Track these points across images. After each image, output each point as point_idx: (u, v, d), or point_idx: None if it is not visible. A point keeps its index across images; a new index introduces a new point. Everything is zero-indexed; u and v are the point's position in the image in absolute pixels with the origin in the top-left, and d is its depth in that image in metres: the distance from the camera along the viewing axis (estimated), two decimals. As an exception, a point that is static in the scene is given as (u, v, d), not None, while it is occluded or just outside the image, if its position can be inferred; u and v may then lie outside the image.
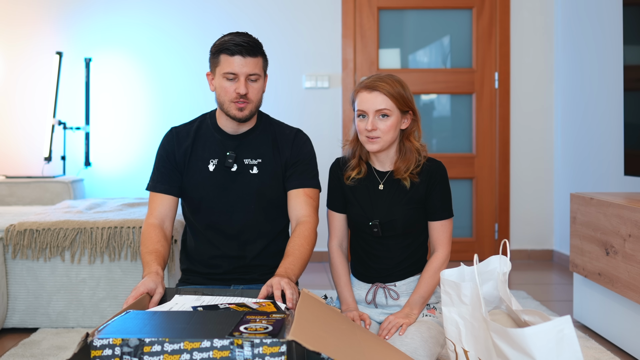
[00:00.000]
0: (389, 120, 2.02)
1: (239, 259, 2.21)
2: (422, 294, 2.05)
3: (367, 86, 2.04)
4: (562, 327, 1.47)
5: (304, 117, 4.31)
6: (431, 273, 2.07)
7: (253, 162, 2.20)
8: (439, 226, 2.10)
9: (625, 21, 2.98)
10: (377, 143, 2.04)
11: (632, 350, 2.42)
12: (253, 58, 2.08)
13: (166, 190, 2.21)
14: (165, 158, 2.23)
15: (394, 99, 2.01)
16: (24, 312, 2.71)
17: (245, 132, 2.22)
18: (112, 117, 4.34)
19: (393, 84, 2.02)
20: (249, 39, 2.09)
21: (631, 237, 2.33)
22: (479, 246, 4.36)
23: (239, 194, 2.18)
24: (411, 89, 2.17)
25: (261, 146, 2.22)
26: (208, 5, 4.31)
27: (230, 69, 2.08)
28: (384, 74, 2.07)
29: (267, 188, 2.18)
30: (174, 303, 1.82)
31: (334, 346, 1.52)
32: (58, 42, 4.29)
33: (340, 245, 2.19)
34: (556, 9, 4.31)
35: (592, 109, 3.80)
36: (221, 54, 2.09)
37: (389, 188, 2.10)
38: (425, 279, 2.06)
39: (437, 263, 2.08)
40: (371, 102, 2.02)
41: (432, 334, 1.97)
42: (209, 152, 2.21)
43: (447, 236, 2.11)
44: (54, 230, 2.69)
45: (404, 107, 2.04)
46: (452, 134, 4.41)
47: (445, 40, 4.41)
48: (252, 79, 2.11)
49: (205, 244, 2.23)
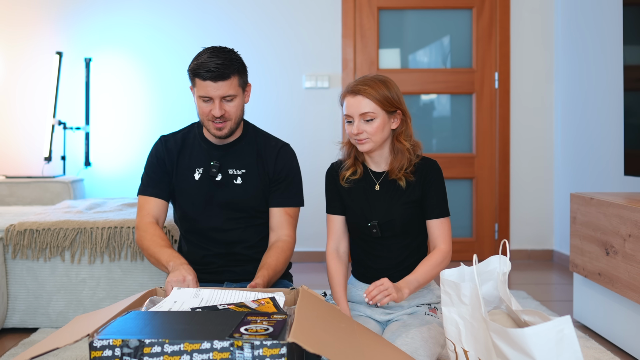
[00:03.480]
0: (374, 123, 2.02)
1: (228, 255, 2.27)
2: (419, 278, 1.99)
3: (351, 90, 2.03)
4: (562, 327, 1.47)
5: (304, 117, 4.31)
6: (432, 263, 2.02)
7: (237, 172, 2.24)
8: (438, 224, 2.08)
9: (625, 21, 2.98)
10: (366, 144, 2.04)
11: (632, 350, 2.42)
12: (225, 81, 2.09)
13: (156, 194, 2.26)
14: (156, 164, 2.29)
15: (378, 101, 2.01)
16: (24, 312, 2.71)
17: (230, 142, 2.27)
18: (112, 117, 4.34)
19: (377, 86, 2.02)
20: (221, 62, 2.07)
21: (631, 237, 2.33)
22: (479, 246, 4.36)
23: (223, 202, 2.22)
24: (411, 89, 2.18)
25: (246, 157, 2.25)
26: (208, 6, 4.31)
27: (204, 92, 2.11)
28: (370, 76, 2.06)
29: (250, 198, 2.23)
30: (172, 301, 1.82)
31: (334, 347, 1.52)
32: (58, 42, 4.29)
33: (336, 249, 2.17)
34: (556, 9, 4.30)
35: (592, 109, 3.80)
36: (195, 77, 2.13)
37: (386, 188, 2.10)
38: (425, 266, 2.01)
39: (438, 255, 2.04)
40: (355, 107, 2.02)
41: (433, 334, 1.97)
42: (195, 160, 2.26)
43: (447, 233, 2.08)
44: (54, 230, 2.70)
45: (390, 108, 2.04)
46: (452, 134, 4.41)
47: (445, 40, 4.41)
48: (228, 99, 2.13)
49: (195, 247, 2.30)
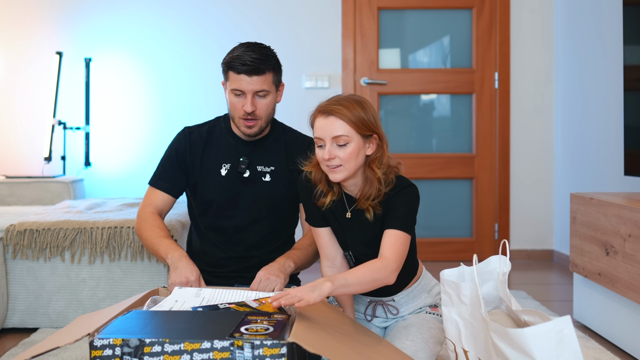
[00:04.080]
0: (348, 147, 1.80)
1: (245, 259, 2.21)
2: (347, 276, 1.71)
3: (323, 110, 1.83)
4: (562, 327, 1.47)
5: (304, 117, 4.27)
6: (368, 266, 1.75)
7: (266, 169, 2.19)
8: (392, 234, 1.80)
9: (625, 21, 2.98)
10: (340, 172, 1.81)
11: (632, 350, 2.42)
12: (260, 76, 2.06)
13: (167, 189, 2.21)
14: (175, 157, 2.22)
15: (353, 123, 1.79)
16: (24, 312, 2.71)
17: (259, 139, 2.21)
18: (112, 117, 4.34)
19: (351, 107, 1.80)
20: (257, 56, 2.05)
21: (631, 237, 2.33)
22: (479, 246, 4.36)
23: (249, 200, 2.17)
24: (411, 89, 2.13)
25: (274, 154, 2.21)
26: (208, 6, 4.31)
27: (237, 86, 2.07)
28: (344, 96, 1.86)
29: (278, 196, 2.18)
30: (173, 301, 1.82)
31: (335, 348, 1.52)
32: (58, 42, 4.29)
33: (331, 267, 1.97)
34: (556, 9, 4.31)
35: (592, 109, 3.80)
36: (229, 70, 2.09)
37: (356, 216, 1.89)
38: (360, 268, 1.75)
39: (378, 262, 1.77)
40: (327, 129, 1.81)
41: (433, 333, 1.94)
42: (221, 156, 2.20)
43: (399, 248, 1.80)
44: (54, 230, 2.70)
45: (366, 132, 1.81)
46: (452, 134, 4.41)
47: (445, 40, 4.41)
48: (261, 95, 2.09)
49: (210, 245, 2.23)
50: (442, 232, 4.39)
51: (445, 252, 4.35)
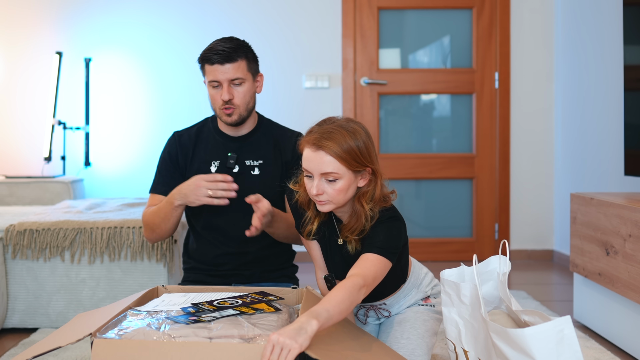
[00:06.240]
0: (337, 183, 1.70)
1: (241, 255, 2.23)
2: (328, 307, 1.52)
3: (312, 143, 1.70)
4: (562, 327, 1.47)
5: (304, 117, 4.31)
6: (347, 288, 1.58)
7: (254, 163, 2.22)
8: (372, 257, 1.68)
9: (625, 21, 2.98)
10: (327, 205, 1.73)
11: (632, 350, 2.42)
12: (233, 63, 2.11)
13: (166, 192, 2.24)
14: (168, 160, 2.27)
15: (343, 160, 1.68)
16: (24, 312, 2.71)
17: (246, 134, 2.25)
18: (112, 117, 4.34)
19: (342, 140, 1.68)
20: (229, 45, 2.12)
21: (631, 237, 2.32)
22: (479, 246, 4.36)
23: (240, 194, 2.18)
24: (411, 89, 2.09)
25: (262, 147, 2.24)
26: (208, 6, 4.31)
27: (212, 77, 2.14)
28: (337, 123, 1.73)
29: (268, 189, 2.19)
30: (160, 301, 1.80)
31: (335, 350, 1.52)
32: (58, 42, 4.29)
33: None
34: (556, 9, 4.31)
35: (592, 109, 3.80)
36: (204, 63, 2.16)
37: (346, 245, 1.82)
38: (337, 295, 1.56)
39: (356, 280, 1.61)
40: (316, 163, 1.69)
41: (428, 326, 1.93)
42: (210, 154, 2.24)
43: (377, 271, 1.67)
44: (53, 230, 2.69)
45: (357, 167, 1.71)
46: (452, 134, 4.41)
47: (445, 40, 4.41)
48: (236, 83, 2.14)
49: (206, 244, 2.25)
50: (442, 232, 4.39)
51: (445, 252, 4.35)
